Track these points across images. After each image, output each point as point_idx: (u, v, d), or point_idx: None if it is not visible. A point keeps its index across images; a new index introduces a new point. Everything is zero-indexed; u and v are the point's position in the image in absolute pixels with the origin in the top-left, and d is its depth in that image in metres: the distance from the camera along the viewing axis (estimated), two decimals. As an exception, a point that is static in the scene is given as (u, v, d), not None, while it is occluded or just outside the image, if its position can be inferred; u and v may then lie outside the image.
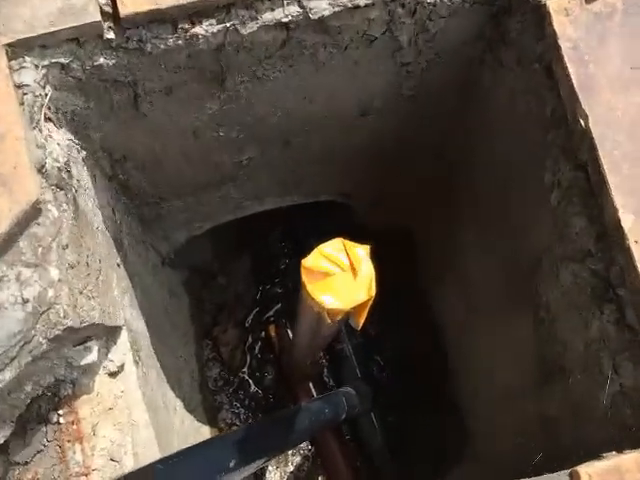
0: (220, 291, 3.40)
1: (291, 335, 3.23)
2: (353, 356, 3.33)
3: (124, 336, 2.02)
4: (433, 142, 2.55)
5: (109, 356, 1.97)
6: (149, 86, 1.83)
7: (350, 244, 1.45)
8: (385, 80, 2.11)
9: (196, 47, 1.73)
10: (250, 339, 3.39)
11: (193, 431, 2.94)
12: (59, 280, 1.58)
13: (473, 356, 2.80)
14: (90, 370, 1.89)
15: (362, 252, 1.44)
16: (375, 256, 1.48)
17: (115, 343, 2.00)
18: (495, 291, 2.41)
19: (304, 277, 1.42)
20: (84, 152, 1.91)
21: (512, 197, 2.12)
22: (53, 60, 1.65)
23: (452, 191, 2.65)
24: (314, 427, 2.28)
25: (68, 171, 1.73)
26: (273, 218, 3.10)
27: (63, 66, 1.67)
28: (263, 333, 3.39)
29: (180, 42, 1.70)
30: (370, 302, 1.44)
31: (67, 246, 1.63)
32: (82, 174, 1.86)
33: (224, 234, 3.17)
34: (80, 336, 1.75)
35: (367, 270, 1.42)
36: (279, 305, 3.43)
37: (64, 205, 1.66)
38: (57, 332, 1.59)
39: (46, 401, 1.83)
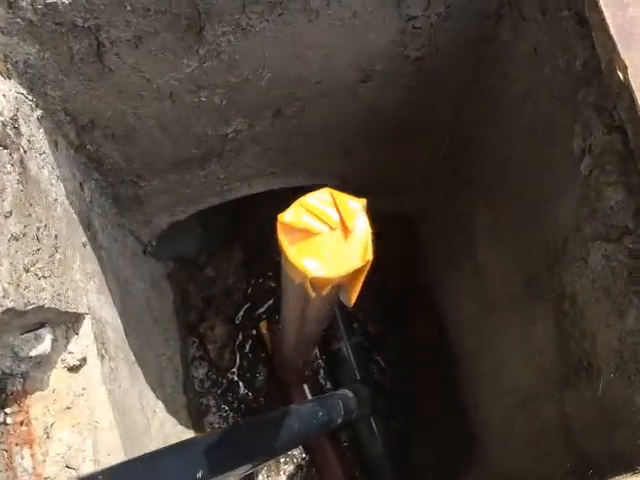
0: (208, 284, 3.13)
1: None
2: (352, 357, 3.06)
3: (87, 326, 1.77)
4: (441, 115, 2.29)
5: (69, 347, 1.72)
6: (114, 34, 1.58)
7: (341, 195, 1.18)
8: (388, 37, 1.85)
9: (167, -16, 1.48)
10: (240, 337, 3.12)
11: (175, 436, 2.68)
12: (-2, 253, 1.33)
13: (483, 355, 2.55)
14: (44, 363, 1.64)
15: (356, 205, 1.18)
16: (375, 247, 1.23)
17: (76, 333, 1.75)
18: (510, 283, 2.15)
19: (281, 237, 1.16)
20: (40, 111, 1.66)
21: (532, 172, 1.86)
22: (-2, -4, 1.41)
23: (461, 173, 2.40)
24: (305, 433, 2.02)
25: (15, 128, 1.48)
26: (266, 206, 2.83)
27: (10, 4, 1.42)
28: (254, 330, 3.12)
29: (148, -23, 1.45)
30: (366, 270, 1.17)
31: (10, 214, 1.38)
32: (36, 135, 1.61)
33: (213, 222, 2.92)
34: (28, 321, 1.50)
35: (362, 229, 1.16)
36: (272, 301, 3.16)
37: (8, 166, 1.41)
38: (-5, 314, 1.34)
39: (-9, 398, 1.58)
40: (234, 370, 3.06)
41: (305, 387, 2.90)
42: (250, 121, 2.10)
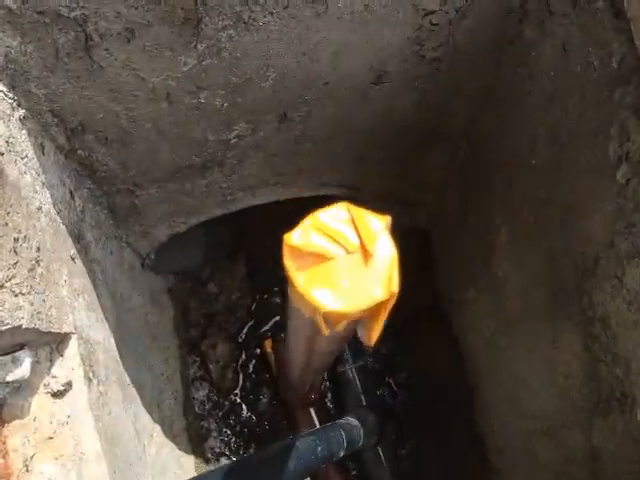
0: (210, 300, 2.96)
1: (287, 351, 2.81)
2: (357, 380, 2.86)
3: (73, 347, 1.62)
4: (458, 119, 2.14)
5: (52, 371, 1.56)
6: (103, 26, 1.43)
7: (360, 212, 1.00)
8: (403, 34, 1.71)
9: (160, -30, 1.34)
10: (243, 356, 2.94)
11: (173, 462, 2.53)
12: (-34, 267, 1.18)
13: (502, 376, 2.39)
14: (24, 388, 1.48)
15: (378, 224, 0.99)
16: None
17: (61, 355, 1.60)
18: (532, 300, 1.99)
19: (288, 261, 0.97)
20: (22, 111, 1.51)
21: (560, 180, 1.71)
22: (-27, -19, 1.27)
23: (479, 181, 2.25)
24: (303, 471, 1.84)
25: (-9, 127, 1.33)
26: (271, 218, 2.68)
27: (-14, -10, 1.29)
28: (258, 349, 2.95)
29: (139, -39, 1.31)
30: (391, 304, 0.98)
31: (-19, 222, 1.23)
32: (17, 137, 1.46)
33: (216, 235, 2.77)
34: (4, 343, 1.34)
35: (386, 253, 0.97)
36: (277, 318, 2.99)
37: (-19, 169, 1.26)
38: (-38, 336, 1.19)
39: (-37, 427, 1.42)
40: (237, 391, 2.89)
41: (311, 411, 2.73)
42: (254, 126, 1.96)
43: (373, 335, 0.98)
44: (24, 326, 1.32)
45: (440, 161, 2.36)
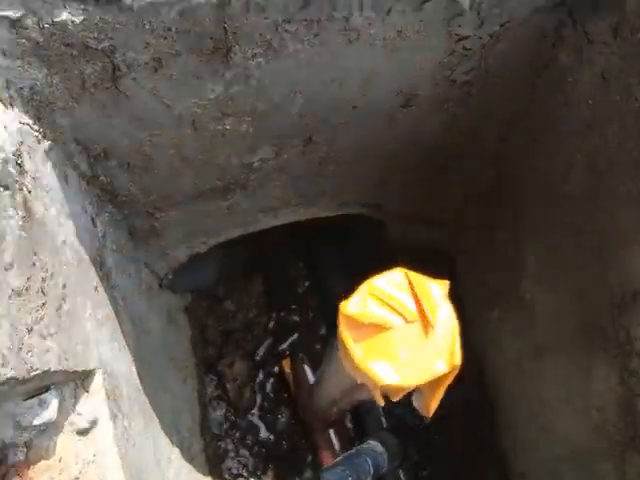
0: (227, 318, 2.91)
1: (310, 377, 2.75)
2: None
3: (98, 381, 1.58)
4: (486, 143, 2.10)
5: (77, 408, 1.52)
6: (131, 57, 1.39)
7: (418, 278, 0.94)
8: (435, 59, 1.66)
9: (192, 1, 1.29)
10: (261, 375, 2.89)
11: (192, 485, 2.49)
12: (-4, 313, 1.14)
13: (527, 400, 2.34)
14: (50, 428, 1.44)
15: (438, 292, 0.94)
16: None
17: (86, 391, 1.56)
18: (563, 328, 1.94)
19: (345, 333, 0.90)
20: (47, 142, 1.47)
21: (595, 209, 1.66)
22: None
23: (507, 205, 2.20)
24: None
25: (18, 164, 1.29)
26: (289, 233, 2.64)
27: (13, 22, 1.24)
28: (276, 368, 2.90)
29: (170, -8, 1.26)
30: (452, 376, 0.93)
31: (11, 266, 1.19)
32: (43, 171, 1.42)
33: (233, 252, 2.73)
34: (31, 387, 1.30)
35: (448, 322, 0.92)
36: (295, 336, 2.93)
37: (10, 210, 1.22)
38: (-8, 385, 1.14)
39: (-11, 470, 1.38)
40: (254, 411, 2.84)
41: (331, 432, 2.68)
42: (278, 149, 1.91)
43: (432, 406, 0.93)
44: (52, 369, 1.29)
45: (464, 181, 2.32)
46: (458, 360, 0.90)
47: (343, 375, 1.03)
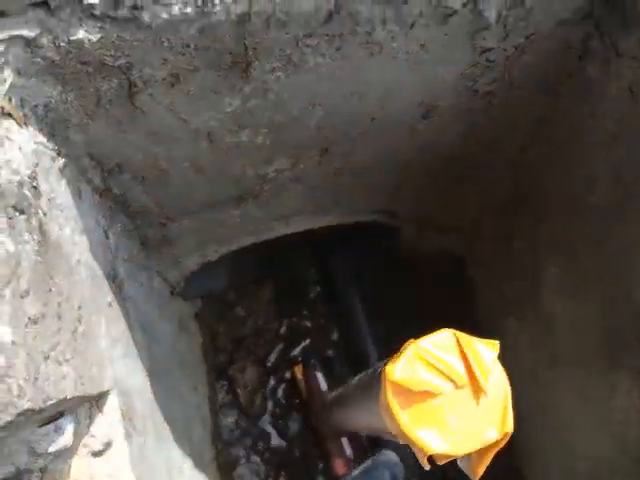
0: (238, 324, 2.88)
1: (322, 384, 2.71)
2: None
3: (113, 402, 1.54)
4: (506, 152, 2.05)
5: (91, 430, 1.48)
6: (148, 73, 1.35)
7: (468, 339, 0.89)
8: (458, 72, 1.62)
9: (211, 18, 1.25)
10: (272, 381, 2.86)
11: (204, 494, 2.46)
12: (13, 343, 1.10)
13: (545, 411, 2.31)
14: (64, 452, 1.41)
15: (490, 355, 0.89)
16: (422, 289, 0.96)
17: (100, 411, 1.52)
18: (585, 341, 1.91)
19: (391, 399, 0.85)
20: (62, 160, 1.43)
21: (624, 222, 1.62)
22: (14, 32, 1.18)
23: (525, 215, 2.16)
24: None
25: (34, 187, 1.25)
26: (301, 237, 2.60)
27: (29, 41, 1.20)
28: (288, 374, 2.87)
29: (189, 10, 1.22)
30: (503, 443, 0.89)
31: (27, 293, 1.15)
32: (57, 190, 1.39)
33: (243, 257, 2.69)
34: (46, 414, 1.27)
35: (500, 388, 0.88)
36: (307, 341, 2.90)
37: (25, 235, 1.18)
38: (8, 418, 1.11)
39: (3, 496, 1.35)
40: (266, 417, 2.81)
41: (343, 440, 2.65)
42: (294, 160, 1.88)
43: (479, 471, 0.88)
44: (69, 397, 1.25)
45: (481, 190, 2.28)
46: (510, 427, 0.86)
47: (377, 421, 0.99)
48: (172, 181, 1.79)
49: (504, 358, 2.55)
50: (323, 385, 2.71)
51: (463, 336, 0.88)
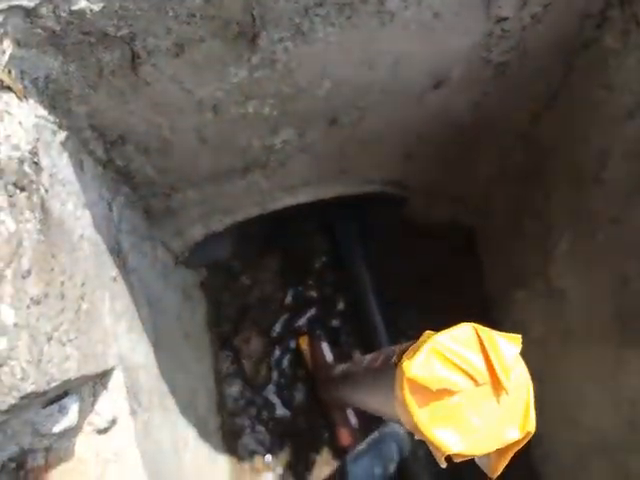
0: (243, 293, 2.84)
1: (328, 355, 2.69)
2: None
3: (117, 378, 1.52)
4: (517, 122, 2.01)
5: (96, 407, 1.46)
6: (152, 43, 1.30)
7: (489, 334, 0.84)
8: (471, 41, 1.57)
9: (218, -14, 1.20)
10: (277, 351, 2.83)
11: (208, 462, 2.45)
12: (15, 325, 1.07)
13: (551, 382, 2.28)
14: (69, 431, 1.39)
15: (512, 350, 0.85)
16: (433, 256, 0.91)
17: (105, 389, 1.50)
18: (596, 317, 1.88)
19: (408, 396, 0.80)
20: (64, 133, 1.39)
21: (635, 202, 1.58)
22: (13, 2, 1.13)
23: (535, 187, 2.11)
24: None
25: (35, 163, 1.21)
26: (308, 207, 2.56)
27: (28, 11, 1.15)
28: (293, 344, 2.84)
29: (195, -23, 1.18)
30: (524, 442, 0.85)
31: (29, 273, 1.12)
32: (59, 164, 1.35)
33: (249, 226, 2.65)
34: (50, 395, 1.25)
35: (522, 385, 0.83)
36: (313, 311, 2.87)
37: (26, 213, 1.15)
38: (12, 401, 1.08)
39: (8, 475, 1.33)
40: (270, 387, 2.80)
41: (348, 410, 2.64)
42: (301, 131, 1.83)
43: (498, 468, 0.85)
44: (73, 377, 1.23)
45: (492, 160, 2.23)
46: (532, 426, 0.82)
47: (389, 411, 0.96)
48: (176, 152, 1.75)
49: (512, 329, 2.53)
50: (329, 356, 2.69)
51: (484, 330, 0.84)
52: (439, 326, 0.88)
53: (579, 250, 1.89)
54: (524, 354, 2.34)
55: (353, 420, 2.66)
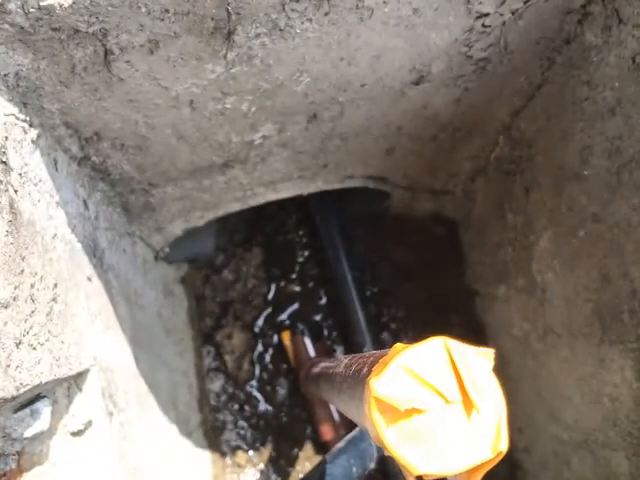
0: (225, 288, 2.82)
1: (310, 350, 2.68)
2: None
3: (92, 379, 1.50)
4: (498, 118, 1.99)
5: (71, 409, 1.44)
6: (125, 39, 1.27)
7: (460, 348, 0.80)
8: (452, 37, 1.55)
9: (192, -19, 1.17)
10: (260, 346, 2.82)
11: (190, 458, 2.44)
12: (-18, 330, 1.05)
13: (533, 376, 2.28)
14: (41, 435, 1.36)
15: (483, 366, 0.82)
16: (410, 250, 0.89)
17: (80, 390, 1.48)
18: (576, 314, 1.87)
19: (375, 416, 0.77)
20: (35, 131, 1.36)
21: (620, 198, 1.57)
22: (-21, -3, 1.10)
23: (516, 182, 2.10)
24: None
25: (3, 162, 1.18)
26: (290, 202, 2.54)
27: (-5, 7, 1.12)
28: (276, 339, 2.82)
29: (168, -27, 1.15)
30: (497, 461, 0.82)
31: (-3, 277, 1.10)
32: (30, 163, 1.32)
33: (231, 221, 2.63)
34: (20, 400, 1.22)
35: (493, 402, 0.80)
36: (295, 306, 2.86)
37: (-6, 215, 1.12)
38: (-22, 407, 1.06)
39: (-22, 479, 1.31)
40: (253, 383, 2.78)
41: (331, 405, 2.63)
42: (281, 127, 1.81)
43: None
44: (44, 382, 1.21)
45: (473, 154, 2.22)
46: (505, 444, 0.79)
47: (363, 423, 0.93)
48: (153, 148, 1.73)
49: (493, 323, 2.52)
50: (311, 351, 2.67)
51: (455, 345, 0.80)
52: (421, 320, 0.86)
53: (560, 247, 1.88)
54: (505, 352, 2.34)
55: (336, 415, 2.64)
